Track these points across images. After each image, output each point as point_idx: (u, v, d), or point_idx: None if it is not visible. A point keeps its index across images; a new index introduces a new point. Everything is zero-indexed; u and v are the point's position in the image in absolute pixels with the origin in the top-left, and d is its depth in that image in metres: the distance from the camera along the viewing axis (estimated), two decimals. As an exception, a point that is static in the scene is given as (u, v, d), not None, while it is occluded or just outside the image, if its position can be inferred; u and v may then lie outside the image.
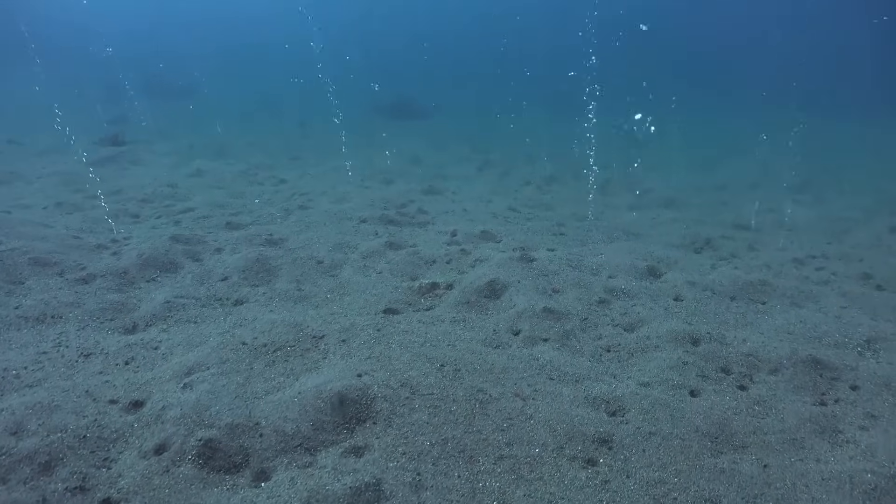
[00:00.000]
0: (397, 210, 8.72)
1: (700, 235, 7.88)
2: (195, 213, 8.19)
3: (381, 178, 11.53)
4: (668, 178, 13.10)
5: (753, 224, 8.78)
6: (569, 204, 9.90)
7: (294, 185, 10.52)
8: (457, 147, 17.30)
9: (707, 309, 5.23)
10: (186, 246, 6.55)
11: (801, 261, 6.93)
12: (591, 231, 7.87)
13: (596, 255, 6.59)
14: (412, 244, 7.02)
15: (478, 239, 7.24)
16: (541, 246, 7.01)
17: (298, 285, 5.73)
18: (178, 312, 4.99)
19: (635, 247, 7.11)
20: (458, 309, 5.18)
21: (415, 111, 26.86)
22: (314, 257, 6.42)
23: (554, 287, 5.55)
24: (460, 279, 5.76)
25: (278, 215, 8.23)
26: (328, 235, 7.19)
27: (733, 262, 6.73)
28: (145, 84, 28.63)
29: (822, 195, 11.91)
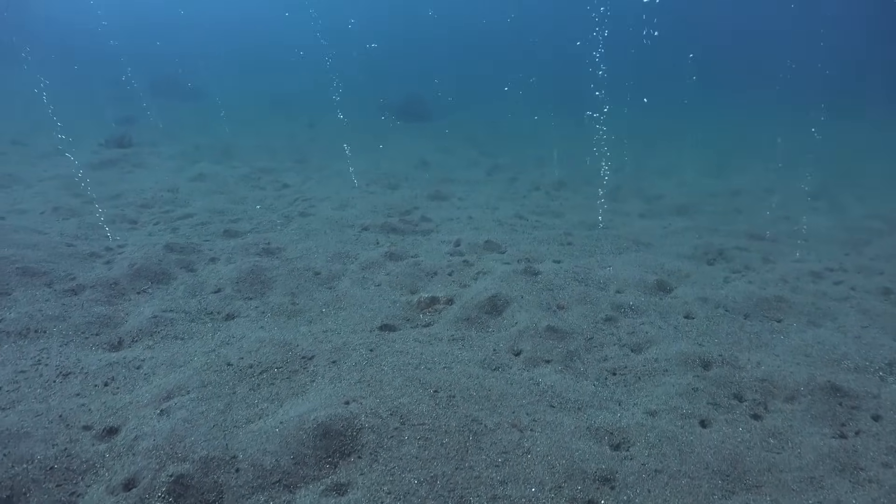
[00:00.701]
0: (401, 217, 8.50)
1: (713, 246, 7.60)
2: (194, 220, 8.00)
3: (387, 182, 11.32)
4: (680, 184, 12.82)
5: (768, 233, 8.50)
6: (578, 211, 9.65)
7: (297, 189, 10.33)
8: (465, 150, 17.07)
9: (719, 328, 4.97)
10: (180, 255, 6.36)
11: (819, 274, 6.65)
12: (600, 241, 7.62)
13: (604, 268, 6.34)
14: (414, 254, 6.79)
15: (482, 249, 7.01)
16: (547, 257, 6.77)
17: (293, 298, 5.52)
18: (165, 328, 4.79)
19: (645, 258, 6.86)
20: (458, 326, 4.95)
21: (424, 113, 26.68)
22: (311, 268, 6.21)
23: (559, 303, 5.31)
24: (461, 293, 5.53)
25: (278, 222, 8.03)
26: (328, 244, 6.99)
27: (747, 276, 6.46)
28: (154, 84, 28.61)
29: (839, 202, 11.60)
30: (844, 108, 23.83)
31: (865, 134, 21.23)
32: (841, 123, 22.12)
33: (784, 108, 24.18)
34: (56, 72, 30.23)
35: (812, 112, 21.21)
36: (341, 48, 40.59)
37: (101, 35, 35.96)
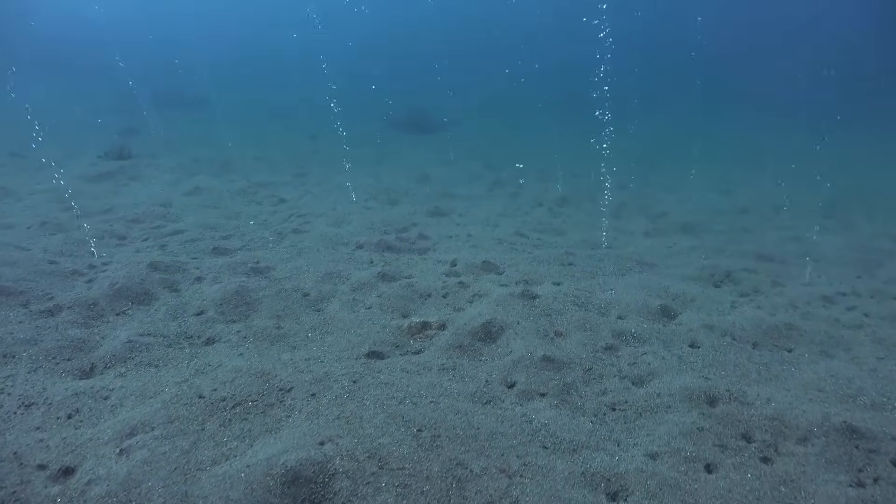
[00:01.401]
0: (397, 234, 8.25)
1: (720, 267, 7.32)
2: (184, 236, 7.77)
3: (386, 197, 11.09)
4: (686, 200, 12.56)
5: (777, 254, 8.21)
6: (580, 228, 9.39)
7: (293, 205, 10.10)
8: (469, 164, 16.86)
9: (726, 359, 4.69)
10: (165, 274, 6.12)
11: (830, 298, 6.36)
12: (603, 261, 7.35)
13: (605, 291, 6.07)
14: (408, 275, 6.54)
15: (479, 270, 6.74)
16: (546, 279, 6.50)
17: (278, 322, 5.27)
18: (140, 353, 4.54)
19: (649, 280, 6.58)
20: (449, 354, 4.68)
21: (428, 125, 26.51)
22: (300, 289, 5.96)
23: (556, 329, 5.04)
24: (454, 318, 5.26)
25: (271, 239, 7.79)
26: (319, 263, 6.74)
27: (756, 300, 6.18)
28: (158, 95, 28.56)
29: (849, 220, 11.31)
30: (851, 119, 23.54)
31: (872, 146, 20.94)
32: (848, 135, 21.83)
33: (791, 121, 23.91)
34: (61, 82, 30.25)
35: (820, 124, 20.94)
36: (347, 61, 40.59)
37: (105, 46, 36.03)
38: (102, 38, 38.46)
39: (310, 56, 31.90)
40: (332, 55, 39.19)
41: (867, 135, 22.49)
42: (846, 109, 23.80)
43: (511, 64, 34.81)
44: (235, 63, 40.44)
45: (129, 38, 41.62)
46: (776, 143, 20.93)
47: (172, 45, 39.61)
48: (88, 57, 33.02)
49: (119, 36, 40.47)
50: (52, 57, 35.61)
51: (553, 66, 36.04)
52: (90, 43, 34.19)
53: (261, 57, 42.09)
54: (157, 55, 37.00)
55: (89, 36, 36.42)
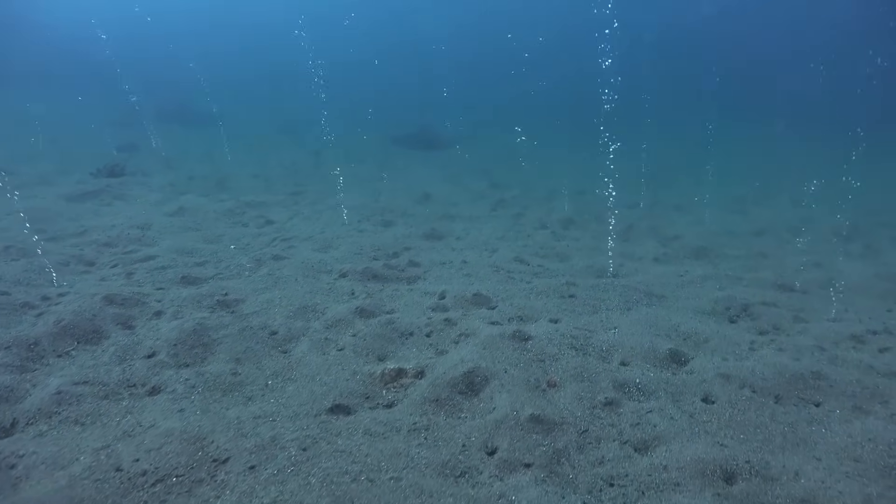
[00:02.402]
0: (386, 261, 7.66)
1: (735, 299, 6.67)
2: (154, 263, 7.21)
3: (381, 218, 10.50)
4: (698, 222, 11.90)
5: (798, 284, 7.55)
6: (585, 253, 8.75)
7: (280, 227, 9.53)
8: (474, 181, 16.28)
9: (745, 418, 4.04)
10: (120, 309, 5.54)
11: (860, 338, 5.69)
12: (607, 292, 6.71)
13: (608, 330, 5.43)
14: (390, 309, 5.93)
15: (469, 304, 6.12)
16: (543, 314, 5.87)
17: (236, 366, 4.67)
18: (68, 407, 3.95)
19: (657, 316, 5.94)
20: (424, 409, 4.06)
21: (435, 142, 26.03)
22: (268, 326, 5.37)
23: (550, 379, 4.41)
24: (434, 364, 4.64)
25: (248, 266, 7.21)
26: (295, 295, 6.14)
27: (777, 340, 5.52)
28: (164, 110, 28.28)
29: (874, 244, 10.61)
30: (879, 135, 22.81)
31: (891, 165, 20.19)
32: (874, 152, 21.11)
33: (808, 138, 23.24)
34: (67, 96, 30.04)
35: (841, 142, 20.22)
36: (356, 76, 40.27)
37: (114, 60, 35.86)
38: (112, 53, 38.36)
39: (319, 71, 31.56)
40: (342, 70, 38.85)
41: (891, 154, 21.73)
42: (873, 124, 23.00)
43: (522, 78, 34.30)
44: (246, 78, 40.25)
45: (138, 53, 41.52)
46: (794, 159, 20.26)
47: (182, 60, 39.43)
48: (97, 71, 32.80)
49: (129, 50, 40.32)
50: (58, 70, 35.53)
51: (564, 81, 35.53)
52: (99, 57, 34.01)
53: (271, 72, 41.85)
54: (165, 70, 36.83)
55: (98, 50, 36.29)
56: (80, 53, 36.81)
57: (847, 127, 18.43)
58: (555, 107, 29.06)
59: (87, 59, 34.93)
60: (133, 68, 35.75)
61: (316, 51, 40.28)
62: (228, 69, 41.46)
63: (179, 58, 37.89)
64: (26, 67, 35.39)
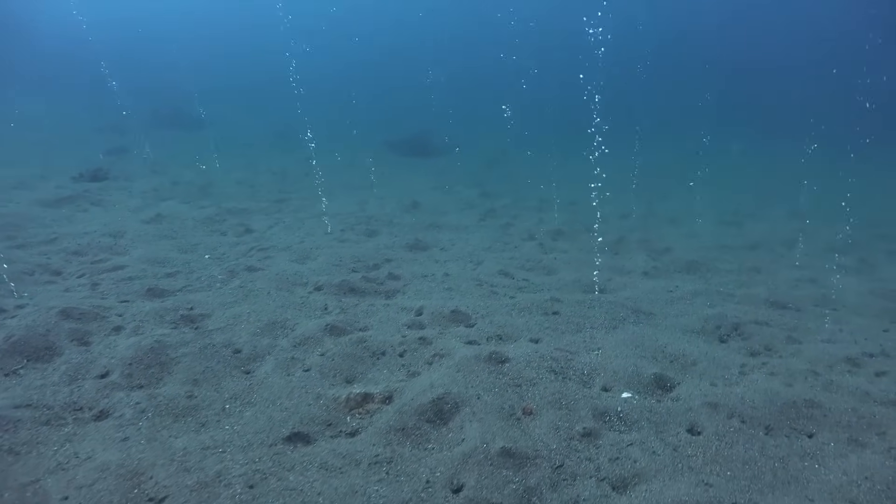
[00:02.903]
0: (365, 273, 7.38)
1: (726, 318, 6.40)
2: (123, 273, 6.91)
3: (366, 228, 10.23)
4: (691, 234, 11.66)
5: (791, 301, 7.29)
6: (573, 267, 8.48)
7: (260, 236, 9.25)
8: (464, 190, 16.03)
9: (733, 452, 3.76)
10: (77, 324, 5.25)
11: (855, 361, 5.42)
12: (593, 309, 6.43)
13: (591, 351, 5.16)
14: (363, 326, 5.65)
15: (447, 321, 5.84)
16: (523, 334, 5.59)
17: (193, 388, 4.38)
18: (4, 434, 3.66)
19: (644, 335, 5.66)
20: (389, 439, 3.78)
21: (429, 148, 25.78)
22: (232, 344, 5.08)
23: (525, 406, 4.13)
24: (403, 388, 4.36)
25: (220, 278, 6.92)
26: (264, 310, 5.86)
27: (769, 363, 5.24)
28: (158, 113, 27.99)
29: (869, 258, 10.37)
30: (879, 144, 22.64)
31: (891, 176, 19.99)
32: (872, 161, 20.93)
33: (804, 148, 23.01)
34: (60, 99, 29.77)
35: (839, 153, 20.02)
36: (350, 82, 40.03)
37: (109, 63, 35.57)
38: (106, 55, 38.09)
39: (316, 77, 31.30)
40: (337, 76, 38.61)
41: (887, 165, 21.53)
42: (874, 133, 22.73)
43: (519, 86, 34.09)
44: (242, 82, 39.97)
45: (134, 56, 41.24)
46: (792, 169, 20.04)
47: (178, 64, 39.16)
48: (91, 73, 32.51)
49: (124, 53, 40.04)
50: (52, 72, 35.24)
51: (560, 89, 35.32)
52: (93, 59, 33.71)
53: (267, 76, 41.56)
54: (161, 74, 36.53)
55: (92, 52, 35.99)
56: (75, 56, 36.51)
57: (845, 137, 18.23)
58: (551, 115, 28.80)
59: (81, 61, 34.62)
60: (128, 71, 35.48)
61: (315, 55, 40.03)
62: (224, 73, 41.20)
63: (175, 61, 37.63)
64: (19, 69, 35.11)
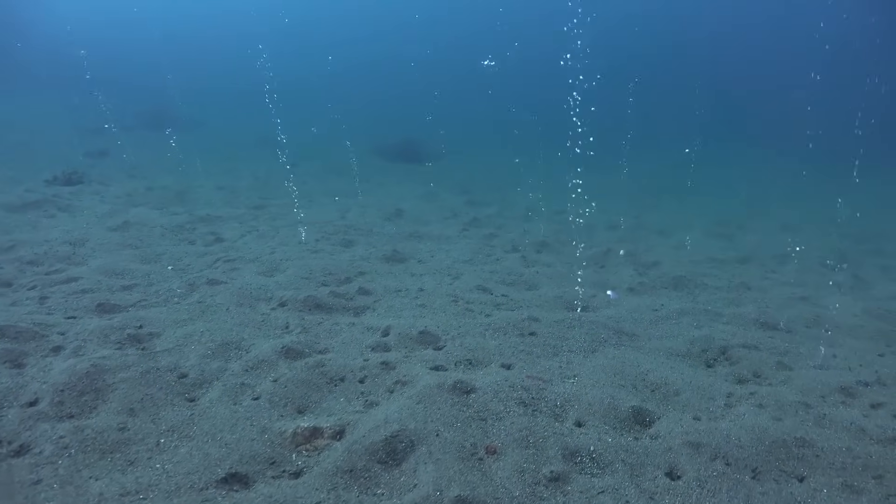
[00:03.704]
0: (335, 288, 7.00)
1: (714, 340, 6.04)
2: (76, 285, 6.51)
3: (342, 238, 9.84)
4: (680, 246, 11.33)
5: (782, 321, 6.94)
6: (556, 282, 8.12)
7: (230, 245, 8.85)
8: (451, 197, 15.70)
9: (716, 501, 3.39)
10: (13, 343, 4.85)
11: (849, 391, 5.06)
12: (573, 329, 6.07)
13: (566, 379, 4.79)
14: (323, 348, 5.26)
15: (414, 342, 5.46)
16: (495, 358, 5.21)
17: (128, 419, 3.99)
18: None
19: (625, 360, 5.30)
20: (335, 482, 3.40)
21: (419, 154, 25.47)
22: (178, 368, 4.68)
23: (488, 445, 3.75)
24: (357, 422, 3.98)
25: (178, 292, 6.53)
26: (220, 328, 5.47)
27: (757, 394, 4.88)
28: (144, 115, 27.58)
29: (863, 274, 10.06)
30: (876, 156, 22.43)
31: (883, 189, 19.73)
32: (869, 174, 20.70)
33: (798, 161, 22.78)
34: (45, 98, 29.31)
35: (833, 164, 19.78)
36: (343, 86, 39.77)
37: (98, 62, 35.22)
38: (94, 55, 37.69)
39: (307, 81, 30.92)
40: (329, 80, 38.34)
41: (880, 178, 21.27)
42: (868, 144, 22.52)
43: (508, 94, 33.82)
44: (230, 85, 39.58)
45: (124, 56, 40.82)
46: (784, 180, 19.78)
47: (168, 65, 38.75)
48: (78, 73, 32.06)
49: (111, 54, 39.62)
50: (36, 71, 34.75)
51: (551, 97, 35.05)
52: (80, 58, 33.23)
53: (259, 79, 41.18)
54: (148, 75, 36.14)
55: (81, 52, 35.55)
56: (61, 54, 36.05)
57: (838, 148, 17.99)
58: (540, 123, 28.54)
59: (68, 60, 34.16)
60: (117, 71, 35.06)
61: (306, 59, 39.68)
62: (213, 76, 40.81)
63: (163, 63, 37.22)
64: (2, 68, 34.64)
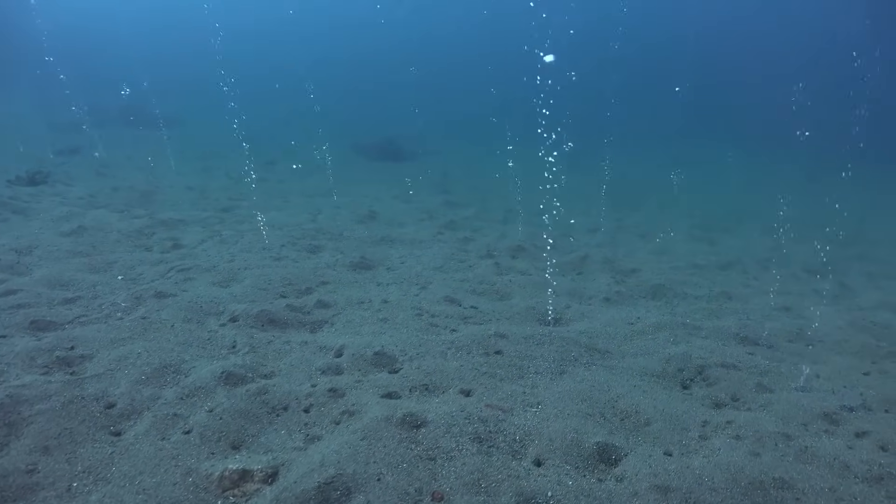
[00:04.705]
0: (293, 300, 6.61)
1: (691, 359, 5.71)
2: (13, 299, 6.07)
3: (309, 242, 9.44)
4: (661, 250, 11.03)
5: (763, 335, 6.62)
6: (529, 291, 7.76)
7: (188, 252, 8.43)
8: (429, 198, 15.34)
9: (683, 559, 3.04)
10: (-74, 369, 4.43)
11: (833, 418, 4.73)
12: (542, 347, 5.71)
13: (529, 407, 4.43)
14: (269, 372, 4.87)
15: (368, 364, 5.08)
16: (454, 382, 4.84)
17: (40, 459, 3.59)
18: None
19: (594, 383, 4.95)
20: (258, 538, 3.02)
21: (401, 153, 25.09)
22: (106, 396, 4.28)
23: (435, 492, 3.38)
24: (293, 462, 3.60)
25: (122, 306, 6.11)
26: (160, 349, 5.06)
27: (734, 422, 4.53)
28: (123, 111, 27.02)
29: (848, 281, 9.80)
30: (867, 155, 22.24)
31: (869, 192, 19.54)
32: (856, 174, 20.49)
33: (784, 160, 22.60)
34: (14, 95, 28.68)
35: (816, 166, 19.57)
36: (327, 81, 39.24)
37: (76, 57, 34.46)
38: (73, 49, 36.91)
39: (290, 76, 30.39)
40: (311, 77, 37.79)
41: (868, 180, 21.07)
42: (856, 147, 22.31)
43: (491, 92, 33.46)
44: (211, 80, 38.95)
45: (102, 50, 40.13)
46: (768, 181, 19.55)
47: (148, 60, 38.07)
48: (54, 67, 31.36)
49: (92, 46, 38.92)
50: (10, 67, 34.01)
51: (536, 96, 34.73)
52: (55, 54, 32.50)
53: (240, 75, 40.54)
54: (127, 70, 35.41)
55: (57, 46, 34.84)
56: (36, 50, 35.30)
57: (824, 151, 17.74)
58: (525, 122, 28.21)
59: (43, 55, 33.44)
60: (94, 66, 34.40)
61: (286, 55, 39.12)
62: (193, 71, 40.15)
63: (143, 58, 36.56)
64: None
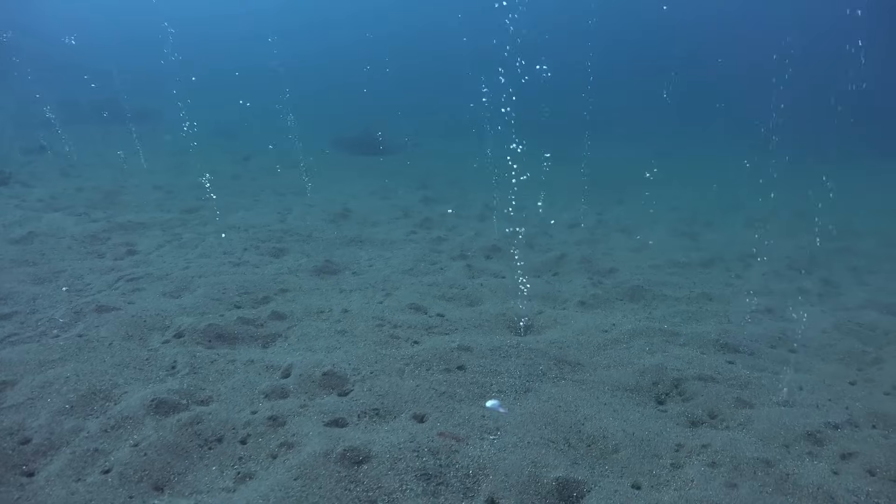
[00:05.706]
0: (246, 311, 6.21)
1: (666, 370, 5.36)
2: (-59, 316, 5.65)
3: (274, 245, 9.02)
4: (641, 247, 10.70)
5: (744, 341, 6.29)
6: (500, 296, 7.40)
7: (142, 258, 8.01)
8: (407, 194, 14.94)
9: None
10: None
11: (818, 437, 4.39)
12: (508, 360, 5.35)
13: (487, 434, 4.06)
14: (206, 397, 4.48)
15: (317, 386, 4.70)
16: (408, 406, 4.46)
17: (-70, 511, 3.19)
18: None
19: (561, 402, 4.59)
20: None
21: (380, 147, 24.64)
22: (22, 430, 3.88)
23: (371, 543, 3.01)
24: (216, 510, 3.22)
25: (60, 322, 5.69)
26: (92, 372, 4.66)
27: (711, 445, 4.17)
28: (97, 105, 26.37)
29: (833, 278, 9.49)
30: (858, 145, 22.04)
31: (857, 181, 19.28)
32: (847, 164, 20.29)
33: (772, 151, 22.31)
34: None
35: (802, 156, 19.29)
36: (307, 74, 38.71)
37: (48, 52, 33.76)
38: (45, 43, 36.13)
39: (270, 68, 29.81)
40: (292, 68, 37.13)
41: (856, 170, 20.84)
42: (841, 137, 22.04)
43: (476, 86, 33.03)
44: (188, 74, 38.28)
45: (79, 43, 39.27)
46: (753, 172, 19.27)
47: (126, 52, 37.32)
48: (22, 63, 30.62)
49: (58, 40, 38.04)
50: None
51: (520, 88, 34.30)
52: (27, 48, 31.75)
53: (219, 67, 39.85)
54: (101, 63, 34.63)
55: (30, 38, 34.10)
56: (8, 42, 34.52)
57: (810, 141, 17.49)
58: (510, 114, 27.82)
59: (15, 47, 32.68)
60: (64, 59, 33.66)
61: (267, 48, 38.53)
62: (169, 64, 39.44)
63: (117, 50, 35.87)
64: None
